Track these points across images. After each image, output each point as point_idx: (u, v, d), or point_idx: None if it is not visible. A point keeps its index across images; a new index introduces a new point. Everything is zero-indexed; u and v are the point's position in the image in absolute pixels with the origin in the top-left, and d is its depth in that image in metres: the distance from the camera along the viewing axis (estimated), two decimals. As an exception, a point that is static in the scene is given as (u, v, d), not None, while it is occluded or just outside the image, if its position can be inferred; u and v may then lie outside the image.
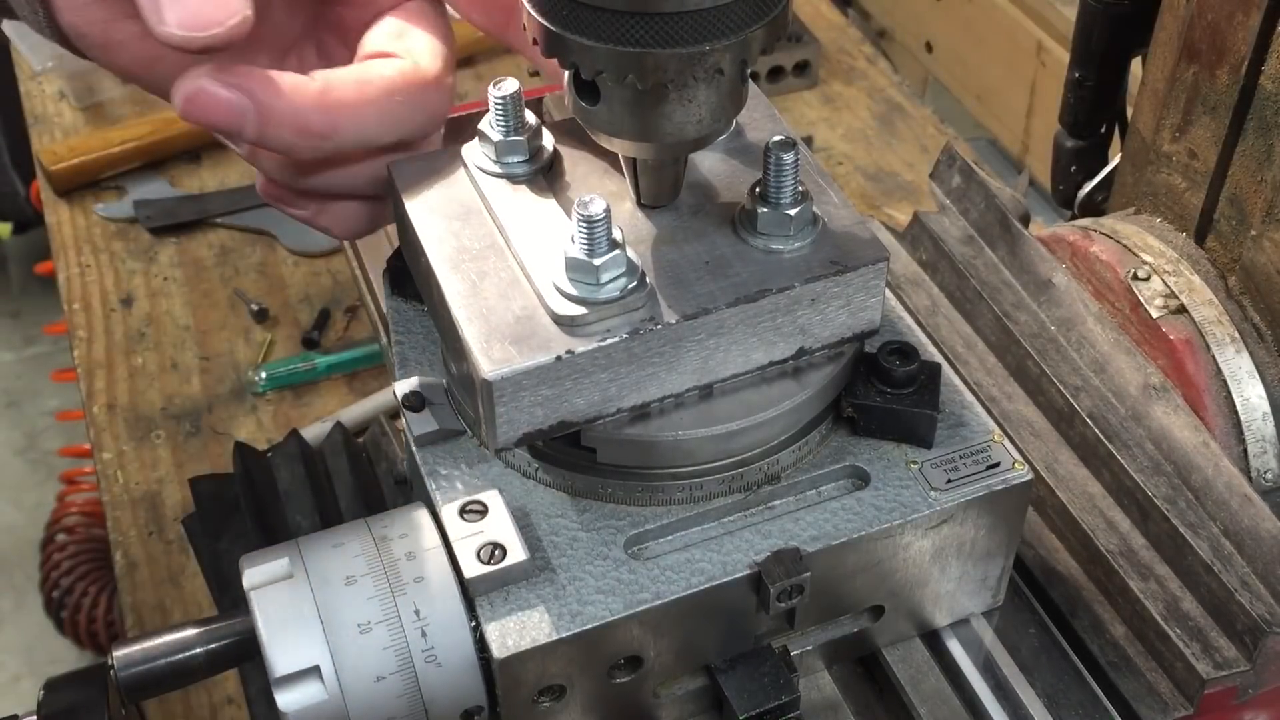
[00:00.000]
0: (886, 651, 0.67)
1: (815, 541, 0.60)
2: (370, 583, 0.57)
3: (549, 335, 0.57)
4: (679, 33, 0.53)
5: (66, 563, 1.89)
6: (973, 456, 0.64)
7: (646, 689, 0.62)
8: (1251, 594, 0.65)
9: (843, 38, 1.65)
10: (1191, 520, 0.68)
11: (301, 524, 0.81)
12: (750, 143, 0.67)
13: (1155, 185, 0.82)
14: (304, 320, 1.28)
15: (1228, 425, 0.74)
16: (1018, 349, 0.78)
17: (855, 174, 1.44)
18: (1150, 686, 0.66)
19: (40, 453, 2.58)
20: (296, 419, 1.17)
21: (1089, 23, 0.89)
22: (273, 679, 0.56)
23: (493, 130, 0.64)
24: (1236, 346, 0.74)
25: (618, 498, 0.62)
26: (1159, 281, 0.77)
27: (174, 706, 0.96)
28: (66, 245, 1.37)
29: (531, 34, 0.56)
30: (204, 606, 1.01)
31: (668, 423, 0.60)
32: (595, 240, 0.57)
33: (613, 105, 0.58)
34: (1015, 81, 1.82)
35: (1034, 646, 0.68)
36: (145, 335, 1.27)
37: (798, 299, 0.60)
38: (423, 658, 0.56)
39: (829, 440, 0.64)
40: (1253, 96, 0.74)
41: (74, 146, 1.44)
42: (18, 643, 2.29)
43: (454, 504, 0.60)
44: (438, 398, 0.66)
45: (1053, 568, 0.72)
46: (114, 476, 1.13)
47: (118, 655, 0.58)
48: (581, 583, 0.59)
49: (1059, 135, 0.96)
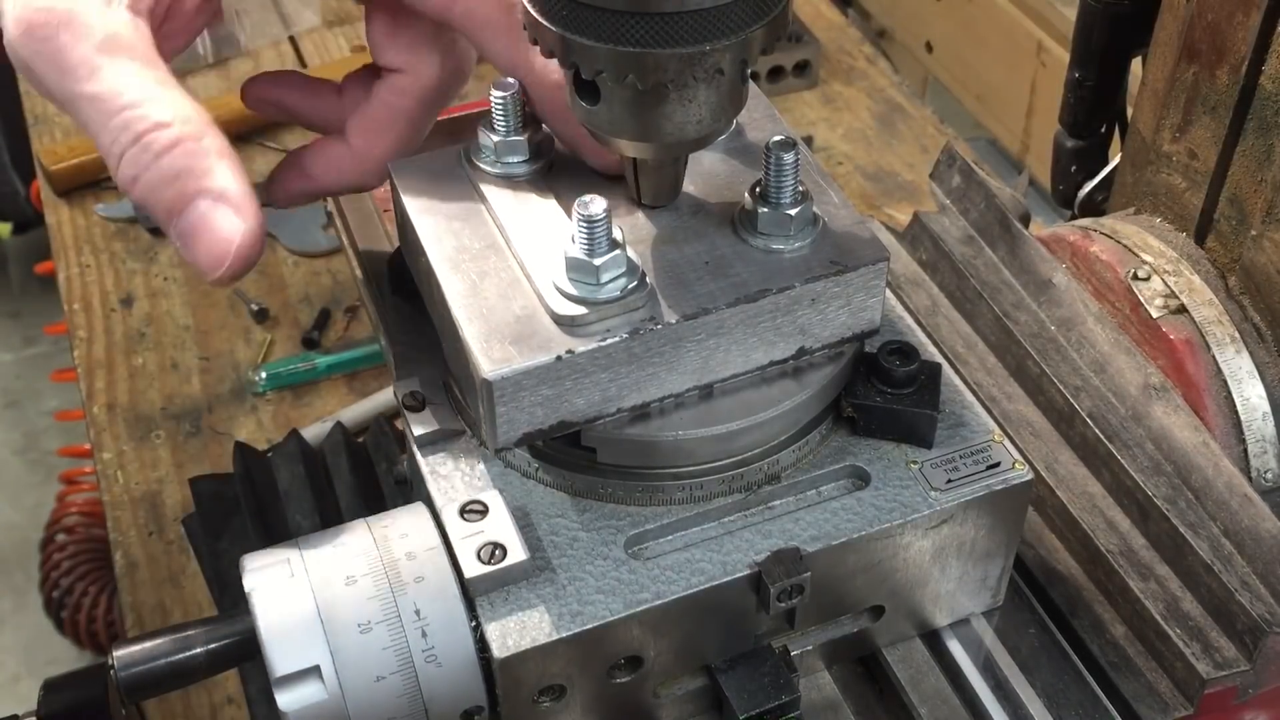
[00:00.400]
0: (886, 651, 0.67)
1: (815, 541, 0.60)
2: (370, 583, 0.57)
3: (549, 335, 0.57)
4: (679, 33, 0.53)
5: (66, 563, 1.89)
6: (973, 456, 0.64)
7: (646, 689, 0.62)
8: (1251, 594, 0.65)
9: (843, 38, 1.65)
10: (1191, 520, 0.68)
11: (301, 524, 0.81)
12: (750, 143, 0.67)
13: (1155, 185, 0.82)
14: (304, 320, 1.28)
15: (1228, 425, 0.74)
16: (1018, 349, 0.78)
17: (855, 174, 1.44)
18: (1150, 686, 0.66)
19: (40, 453, 2.58)
20: (296, 419, 1.17)
21: (1089, 23, 0.89)
22: (273, 679, 0.56)
23: (493, 130, 0.64)
24: (1236, 346, 0.74)
25: (618, 498, 0.62)
26: (1159, 281, 0.77)
27: (174, 706, 0.96)
28: (66, 245, 1.37)
29: (532, 34, 0.56)
30: (204, 606, 1.01)
31: (668, 423, 0.60)
32: (595, 240, 0.57)
33: (613, 105, 0.58)
34: (1015, 81, 1.82)
35: (1034, 646, 0.68)
36: (145, 335, 1.27)
37: (798, 299, 0.60)
38: (423, 658, 0.56)
39: (829, 440, 0.64)
40: (1253, 96, 0.74)
41: (74, 146, 1.44)
42: (17, 643, 2.29)
43: (454, 504, 0.60)
44: (438, 398, 0.66)
45: (1053, 568, 0.72)
46: (114, 476, 1.13)
47: (118, 655, 0.58)
48: (581, 583, 0.59)
49: (1059, 135, 0.96)
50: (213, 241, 0.57)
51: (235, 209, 0.57)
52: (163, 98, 0.57)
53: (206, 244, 0.57)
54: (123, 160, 0.57)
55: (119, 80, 0.57)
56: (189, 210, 0.57)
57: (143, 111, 0.56)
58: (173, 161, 0.56)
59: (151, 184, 0.57)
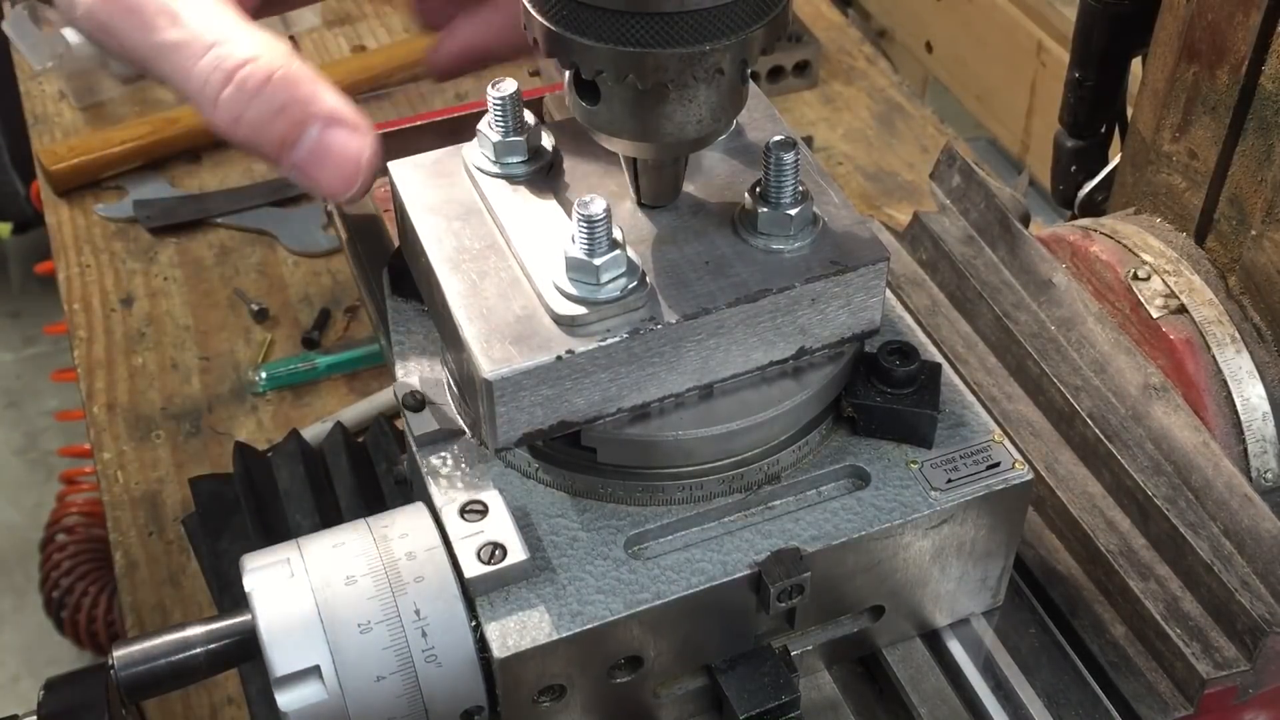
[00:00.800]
0: (886, 651, 0.67)
1: (815, 541, 0.60)
2: (370, 582, 0.57)
3: (549, 335, 0.57)
4: (679, 33, 0.53)
5: (66, 563, 1.89)
6: (973, 456, 0.64)
7: (646, 689, 0.62)
8: (1251, 594, 0.65)
9: (843, 38, 1.65)
10: (1191, 520, 0.68)
11: (301, 524, 0.81)
12: (750, 143, 0.67)
13: (1155, 185, 0.82)
14: (304, 320, 1.28)
15: (1228, 425, 0.74)
16: (1018, 349, 0.78)
17: (855, 174, 1.44)
18: (1150, 686, 0.66)
19: (40, 453, 2.58)
20: (296, 419, 1.17)
21: (1089, 23, 0.89)
22: (273, 679, 0.56)
23: (492, 130, 0.64)
24: (1236, 346, 0.74)
25: (618, 498, 0.62)
26: (1159, 281, 0.77)
27: (174, 706, 0.96)
28: (66, 245, 1.37)
29: (532, 34, 0.56)
30: (204, 606, 1.01)
31: (668, 423, 0.60)
32: (595, 240, 0.57)
33: (613, 105, 0.58)
34: (1015, 81, 1.82)
35: (1034, 646, 0.68)
36: (145, 335, 1.27)
37: (798, 299, 0.60)
38: (423, 657, 0.56)
39: (829, 440, 0.64)
40: (1253, 96, 0.74)
41: (74, 146, 1.44)
42: (17, 643, 2.29)
43: (454, 504, 0.60)
44: (438, 397, 0.66)
45: (1053, 568, 0.72)
46: (114, 476, 1.13)
47: (118, 655, 0.58)
48: (582, 582, 0.59)
49: (1059, 135, 0.96)
50: (340, 163, 0.58)
51: (351, 128, 0.58)
52: (244, 33, 0.58)
53: (333, 167, 0.58)
54: (219, 104, 0.57)
55: (200, 22, 0.57)
56: (304, 139, 0.57)
57: (229, 49, 0.57)
58: (274, 94, 0.57)
59: (257, 122, 0.57)
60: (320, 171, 0.58)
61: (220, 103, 0.57)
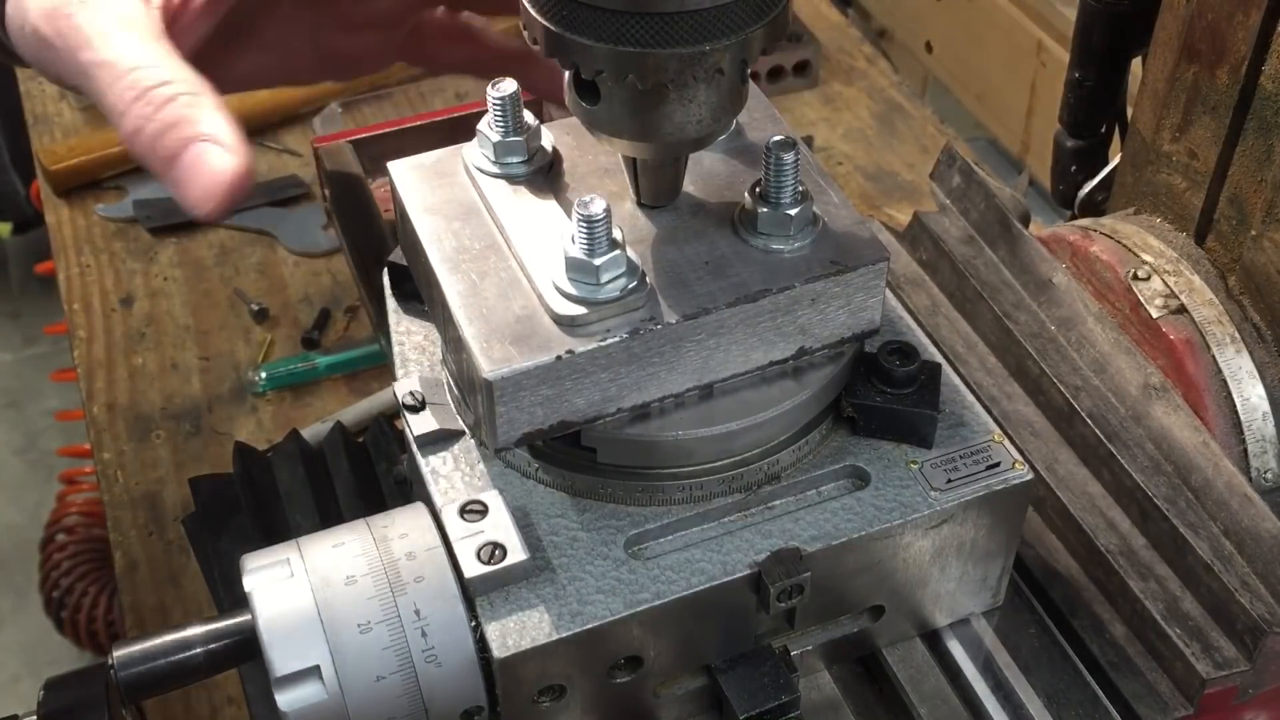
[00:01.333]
0: (886, 651, 0.67)
1: (815, 541, 0.60)
2: (370, 583, 0.57)
3: (549, 335, 0.57)
4: (679, 33, 0.53)
5: (66, 563, 1.89)
6: (973, 456, 0.64)
7: (646, 689, 0.62)
8: (1251, 594, 0.65)
9: (843, 38, 1.65)
10: (1191, 520, 0.68)
11: (301, 524, 0.81)
12: (750, 143, 0.67)
13: (1155, 185, 0.82)
14: (304, 320, 1.27)
15: (1228, 425, 0.74)
16: (1018, 349, 0.78)
17: (855, 174, 1.44)
18: (1150, 686, 0.66)
19: (40, 453, 2.58)
20: (296, 419, 1.17)
21: (1089, 23, 0.89)
22: (273, 679, 0.56)
23: (491, 130, 0.64)
24: (1236, 346, 0.74)
25: (618, 498, 0.62)
26: (1159, 281, 0.77)
27: (174, 706, 0.96)
28: (66, 245, 1.37)
29: (532, 34, 0.56)
30: (204, 606, 1.01)
31: (668, 423, 0.60)
32: (595, 240, 0.57)
33: (613, 105, 0.58)
34: (1015, 81, 1.82)
35: (1034, 646, 0.68)
36: (145, 335, 1.27)
37: (798, 299, 0.60)
38: (423, 658, 0.56)
39: (829, 440, 0.64)
40: (1253, 96, 0.74)
41: (74, 146, 1.44)
42: (17, 643, 2.29)
43: (454, 504, 0.60)
44: (438, 398, 0.66)
45: (1053, 568, 0.72)
46: (114, 476, 1.13)
47: (118, 655, 0.58)
48: (581, 583, 0.59)
49: (1059, 135, 0.96)
50: (205, 176, 0.62)
51: (226, 148, 0.62)
52: (166, 63, 0.64)
53: (200, 180, 0.62)
54: (126, 116, 0.63)
55: (129, 49, 0.63)
56: (184, 154, 0.62)
57: (147, 73, 0.63)
58: (172, 112, 0.62)
59: (152, 134, 0.62)
60: (189, 184, 0.63)
61: (127, 116, 0.63)
